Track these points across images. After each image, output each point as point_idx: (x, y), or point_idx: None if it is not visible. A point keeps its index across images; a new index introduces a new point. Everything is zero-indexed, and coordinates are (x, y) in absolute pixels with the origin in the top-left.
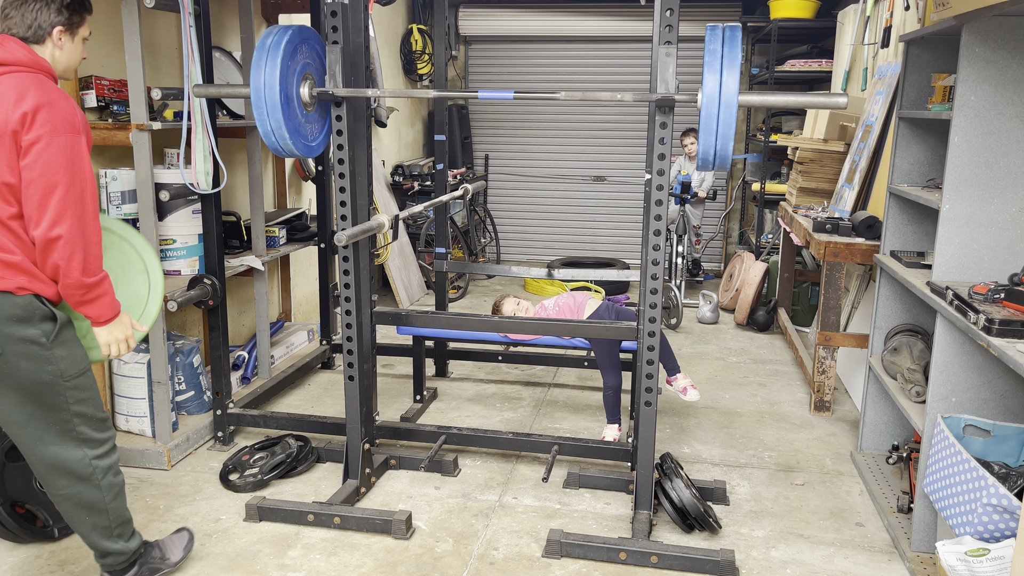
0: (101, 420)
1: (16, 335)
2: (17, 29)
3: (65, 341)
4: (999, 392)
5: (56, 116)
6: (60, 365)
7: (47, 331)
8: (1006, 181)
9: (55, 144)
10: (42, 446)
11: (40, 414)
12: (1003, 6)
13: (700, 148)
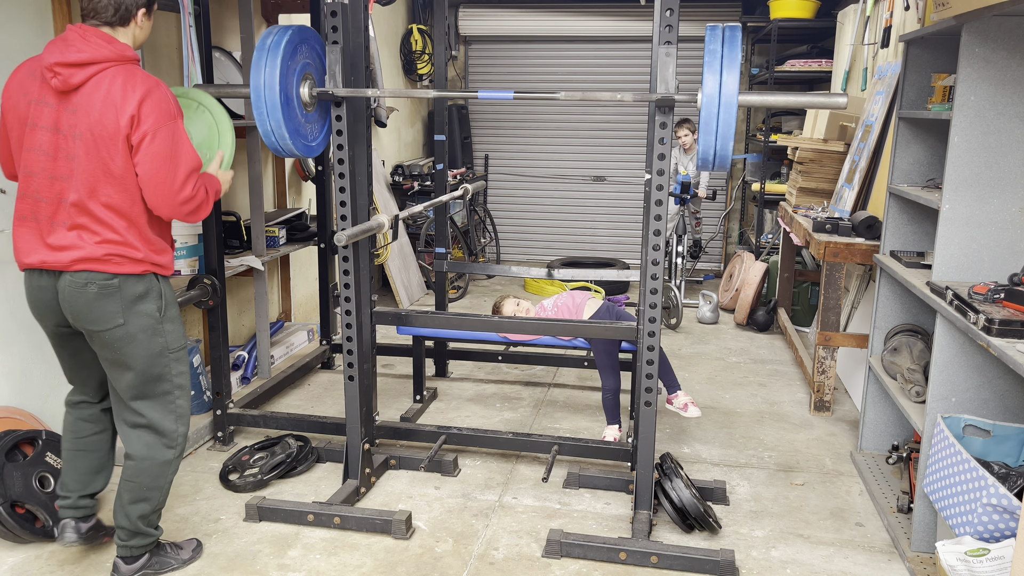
0: (187, 406)
1: (133, 311)
2: (105, 14)
3: (172, 318)
4: (999, 392)
5: (157, 108)
6: (168, 338)
7: (160, 307)
8: (1006, 181)
9: (160, 135)
10: (144, 409)
11: (149, 381)
12: (1003, 6)
13: (700, 148)
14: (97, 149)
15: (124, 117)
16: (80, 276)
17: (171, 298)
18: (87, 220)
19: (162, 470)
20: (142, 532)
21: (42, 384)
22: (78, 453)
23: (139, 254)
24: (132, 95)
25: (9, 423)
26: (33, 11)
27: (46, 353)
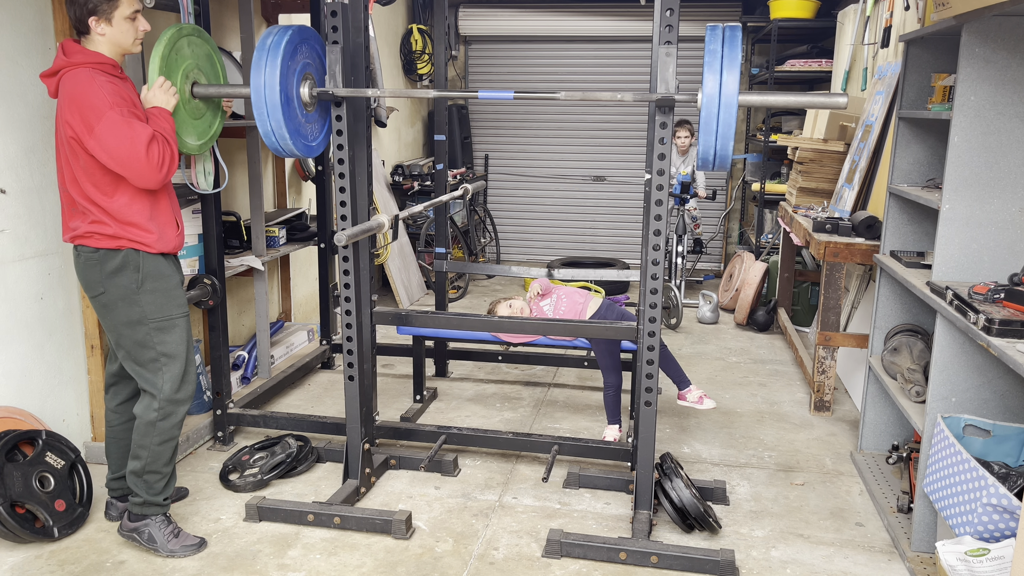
0: (178, 373)
1: (108, 284)
2: (75, 27)
3: (152, 290)
4: (999, 392)
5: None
6: (145, 308)
7: (136, 280)
8: (1006, 181)
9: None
10: (136, 372)
11: (134, 347)
12: (1003, 6)
13: (700, 148)
14: (68, 148)
15: (64, 122)
16: (76, 249)
17: (153, 272)
18: (77, 206)
19: (147, 430)
20: (136, 492)
21: (42, 384)
22: (111, 440)
23: (110, 231)
24: (65, 101)
25: (9, 423)
26: (33, 11)
27: (46, 353)
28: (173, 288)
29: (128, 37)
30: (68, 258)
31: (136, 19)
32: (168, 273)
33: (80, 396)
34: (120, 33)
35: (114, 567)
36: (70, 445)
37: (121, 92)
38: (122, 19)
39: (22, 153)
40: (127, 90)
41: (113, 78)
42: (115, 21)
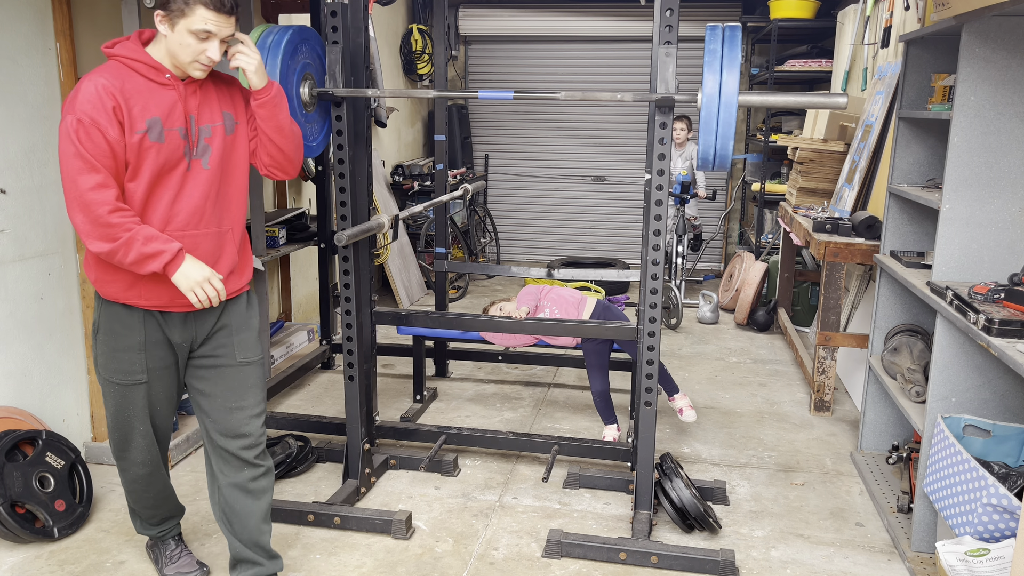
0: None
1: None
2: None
3: (101, 343)
4: (999, 392)
5: (69, 99)
6: (96, 362)
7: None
8: (1006, 181)
9: (59, 129)
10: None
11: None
12: (1003, 6)
13: (700, 148)
14: None
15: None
16: None
17: (106, 322)
18: None
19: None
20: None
21: (42, 384)
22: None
23: (92, 275)
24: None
25: (9, 423)
26: (33, 11)
27: (46, 353)
28: (123, 350)
29: (185, 54)
30: (68, 258)
31: (207, 41)
32: (120, 331)
33: (80, 396)
34: (178, 45)
35: (114, 567)
36: (70, 445)
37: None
38: (186, 31)
39: (22, 153)
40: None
41: (142, 84)
42: (178, 29)
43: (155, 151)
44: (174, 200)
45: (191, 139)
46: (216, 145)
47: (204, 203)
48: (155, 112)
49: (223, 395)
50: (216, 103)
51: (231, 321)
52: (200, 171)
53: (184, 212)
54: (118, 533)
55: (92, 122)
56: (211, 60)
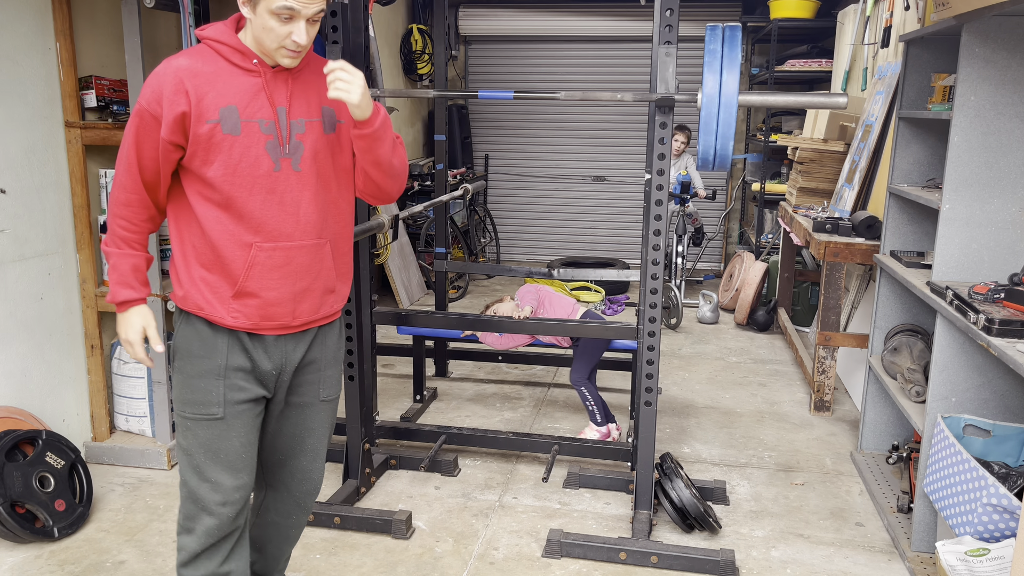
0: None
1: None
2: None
3: (177, 368)
4: (999, 392)
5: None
6: (173, 391)
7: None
8: (1006, 181)
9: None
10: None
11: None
12: (1003, 6)
13: (700, 148)
14: None
15: None
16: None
17: (182, 343)
18: None
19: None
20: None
21: (42, 384)
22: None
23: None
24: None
25: (9, 423)
26: (33, 11)
27: (46, 353)
28: (199, 376)
29: (269, 39)
30: (68, 258)
31: (291, 22)
32: (199, 352)
33: (80, 396)
34: (261, 29)
35: (114, 567)
36: (70, 445)
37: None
38: (267, 12)
39: (22, 153)
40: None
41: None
42: (259, 11)
43: (228, 145)
44: (261, 206)
45: (280, 135)
46: (310, 144)
47: (297, 210)
48: (231, 100)
49: (298, 435)
50: (315, 96)
51: (322, 355)
52: (291, 173)
53: (273, 220)
54: (118, 533)
55: (151, 111)
56: (297, 45)
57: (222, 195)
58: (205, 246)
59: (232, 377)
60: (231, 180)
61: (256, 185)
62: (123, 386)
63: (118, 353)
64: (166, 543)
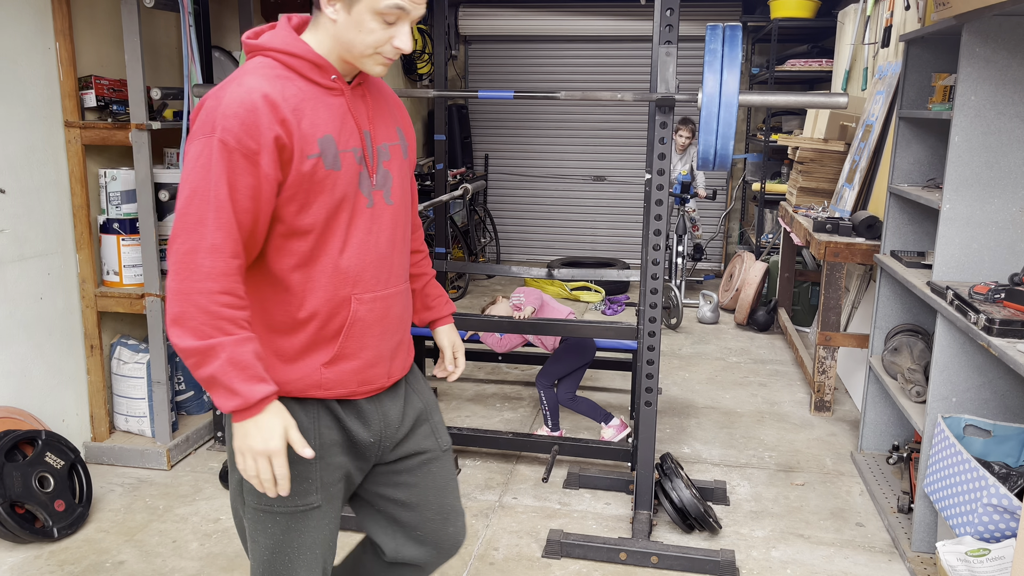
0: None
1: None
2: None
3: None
4: (1000, 392)
5: (199, 115)
6: (236, 479)
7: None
8: (1007, 181)
9: (184, 158)
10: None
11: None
12: (1003, 6)
13: (700, 148)
14: None
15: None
16: None
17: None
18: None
19: None
20: None
21: (42, 384)
22: None
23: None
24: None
25: (9, 423)
26: (33, 11)
27: (46, 353)
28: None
29: (365, 43)
30: (68, 258)
31: (396, 24)
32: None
33: (80, 396)
34: (355, 32)
35: (114, 567)
36: (70, 445)
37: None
38: (370, 12)
39: (22, 153)
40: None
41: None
42: (357, 10)
43: (331, 183)
44: (360, 251)
45: (369, 164)
46: (396, 171)
47: (392, 251)
48: (326, 128)
49: (436, 500)
50: (388, 115)
51: (424, 402)
52: (384, 208)
53: (372, 267)
54: (118, 533)
55: (242, 148)
56: (398, 51)
57: (317, 244)
58: (288, 311)
59: (327, 455)
60: (331, 225)
61: (354, 227)
62: (123, 386)
63: (117, 353)
64: (165, 543)
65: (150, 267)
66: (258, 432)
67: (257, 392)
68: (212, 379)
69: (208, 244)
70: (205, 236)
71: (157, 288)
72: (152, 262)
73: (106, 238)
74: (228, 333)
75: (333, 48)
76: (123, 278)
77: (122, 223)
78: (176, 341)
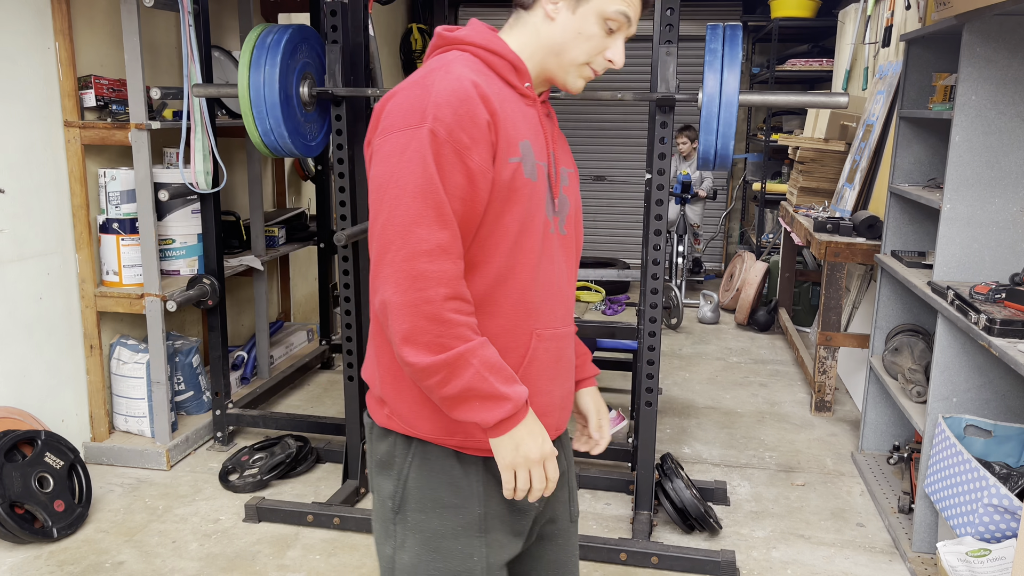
0: None
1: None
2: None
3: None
4: (1000, 392)
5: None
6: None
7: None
8: (1007, 180)
9: (383, 150)
10: None
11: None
12: (1004, 5)
13: (700, 147)
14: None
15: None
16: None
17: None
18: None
19: None
20: None
21: (42, 384)
22: None
23: (376, 388)
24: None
25: (9, 423)
26: (32, 11)
27: (46, 353)
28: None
29: (582, 50)
30: (67, 258)
31: (614, 35)
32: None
33: (79, 396)
34: (575, 35)
35: (113, 567)
36: (69, 445)
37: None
38: (595, 15)
39: (21, 153)
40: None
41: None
42: (582, 11)
43: (528, 193)
44: (537, 279)
45: (552, 184)
46: (572, 199)
47: (568, 286)
48: (525, 132)
49: (558, 573)
50: (564, 141)
51: (569, 459)
52: (558, 237)
53: (550, 300)
54: (117, 533)
55: (453, 141)
56: (608, 66)
57: (506, 263)
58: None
59: (493, 530)
60: (521, 242)
61: (532, 252)
62: (122, 386)
63: (117, 353)
64: (165, 543)
65: (149, 267)
66: (531, 438)
67: (522, 392)
68: (468, 391)
69: (431, 246)
70: (425, 237)
71: (156, 288)
72: (152, 262)
73: (105, 238)
74: (469, 339)
75: (536, 52)
76: (123, 278)
77: (122, 223)
78: (413, 361)
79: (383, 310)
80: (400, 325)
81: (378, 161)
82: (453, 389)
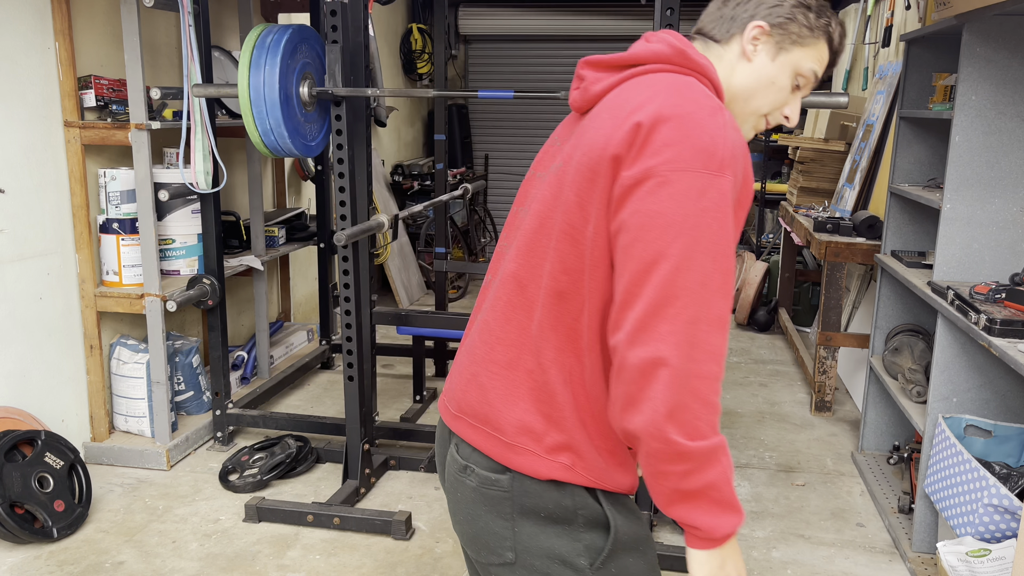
0: None
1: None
2: (706, 20)
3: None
4: (1000, 392)
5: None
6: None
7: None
8: (1007, 180)
9: (674, 185)
10: None
11: None
12: (1004, 5)
13: None
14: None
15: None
16: (463, 451)
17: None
18: (501, 348)
19: None
20: None
21: (42, 384)
22: None
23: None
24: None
25: (9, 423)
26: (33, 11)
27: (46, 353)
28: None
29: (767, 99)
30: (67, 258)
31: (797, 92)
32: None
33: (79, 396)
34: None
35: (113, 567)
36: (69, 445)
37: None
38: (791, 67)
39: (21, 153)
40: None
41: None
42: (781, 60)
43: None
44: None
45: None
46: None
47: None
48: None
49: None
50: None
51: None
52: None
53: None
54: (117, 533)
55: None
56: (784, 120)
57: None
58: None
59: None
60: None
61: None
62: (122, 386)
63: (117, 353)
64: (165, 544)
65: (149, 267)
66: (737, 556)
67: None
68: (709, 488)
69: (714, 315)
70: (711, 304)
71: (156, 288)
72: (152, 262)
73: (105, 238)
74: (718, 431)
75: (725, 93)
76: (122, 278)
77: (122, 223)
78: (675, 439)
79: (652, 368)
80: (668, 396)
81: (666, 196)
82: (694, 483)
